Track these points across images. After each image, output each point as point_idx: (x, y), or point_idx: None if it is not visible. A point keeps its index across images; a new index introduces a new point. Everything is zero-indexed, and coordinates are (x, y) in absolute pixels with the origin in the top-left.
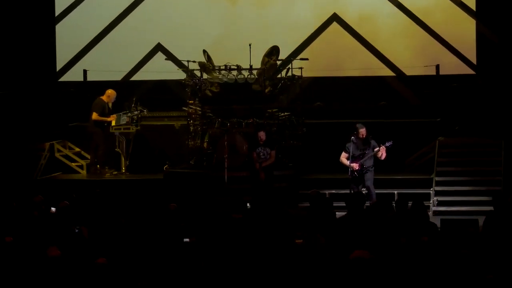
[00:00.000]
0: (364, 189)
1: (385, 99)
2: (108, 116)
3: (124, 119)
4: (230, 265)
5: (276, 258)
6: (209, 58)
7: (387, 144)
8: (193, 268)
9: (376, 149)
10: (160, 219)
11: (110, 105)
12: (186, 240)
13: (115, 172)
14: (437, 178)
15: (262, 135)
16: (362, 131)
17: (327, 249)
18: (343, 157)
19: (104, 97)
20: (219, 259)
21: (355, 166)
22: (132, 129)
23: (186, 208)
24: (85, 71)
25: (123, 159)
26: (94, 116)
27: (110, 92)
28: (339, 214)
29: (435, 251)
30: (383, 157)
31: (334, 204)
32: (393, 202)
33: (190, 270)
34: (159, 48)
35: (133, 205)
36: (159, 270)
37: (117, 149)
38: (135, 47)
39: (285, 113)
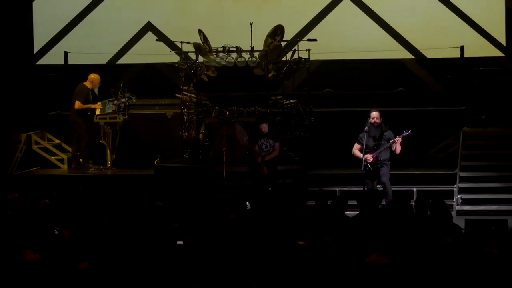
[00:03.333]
0: (379, 185)
1: (403, 85)
2: (93, 104)
3: (110, 107)
4: (227, 269)
5: (278, 263)
6: (205, 39)
7: (405, 133)
8: (187, 273)
9: (392, 140)
10: (150, 219)
11: (96, 91)
12: (180, 242)
13: (100, 167)
14: (461, 174)
15: (264, 127)
16: (374, 114)
17: (337, 253)
18: (356, 149)
19: (87, 83)
20: (215, 263)
21: (369, 157)
22: (119, 118)
23: (179, 206)
24: (66, 53)
25: (108, 152)
26: (77, 105)
27: (94, 77)
28: (351, 213)
29: (459, 255)
30: (397, 151)
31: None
32: (412, 201)
33: (183, 275)
34: (149, 27)
35: (120, 203)
36: (148, 275)
37: (102, 141)
38: (122, 26)
39: (291, 101)
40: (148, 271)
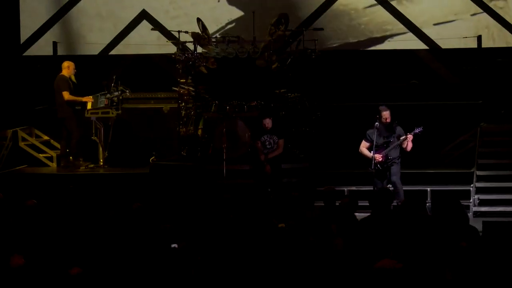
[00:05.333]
0: (390, 185)
1: (416, 77)
2: (75, 92)
3: (102, 101)
4: (227, 277)
5: (283, 267)
6: (204, 28)
7: (417, 130)
8: (182, 280)
9: (402, 137)
10: (145, 221)
11: (73, 78)
12: (174, 246)
13: (92, 165)
14: (478, 173)
15: (268, 122)
16: (386, 114)
17: (346, 257)
18: (363, 147)
19: (64, 72)
20: (214, 269)
21: (378, 157)
22: (112, 113)
23: (176, 207)
24: (55, 44)
25: (101, 149)
26: (67, 96)
27: (68, 63)
28: (360, 215)
29: (476, 260)
30: (408, 148)
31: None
32: (426, 201)
33: (178, 281)
34: (144, 15)
35: (113, 204)
36: (142, 281)
37: (93, 138)
38: (115, 14)
39: (296, 94)
40: (143, 276)
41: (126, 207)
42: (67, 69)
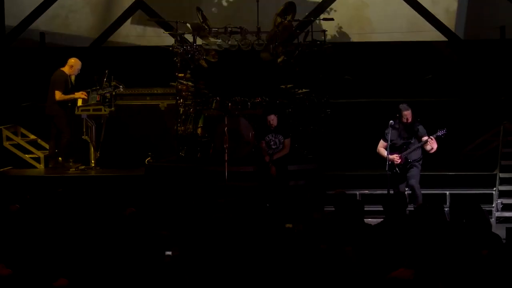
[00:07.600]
0: (407, 188)
1: (434, 71)
2: (72, 93)
3: (94, 97)
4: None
5: (290, 278)
6: (204, 18)
7: (439, 133)
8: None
9: (425, 138)
10: (140, 227)
11: (72, 78)
12: (168, 253)
13: (82, 167)
14: (501, 175)
15: (273, 119)
16: (407, 113)
17: (358, 266)
18: (381, 147)
19: (65, 69)
20: (212, 277)
21: (397, 159)
22: (104, 110)
23: (173, 212)
24: (42, 34)
25: (92, 149)
26: (58, 95)
27: (74, 62)
28: (374, 220)
29: (499, 270)
30: (433, 150)
31: (368, 208)
32: (445, 206)
33: None
34: (139, 4)
35: (105, 208)
36: None
37: (84, 137)
38: (109, 3)
39: (304, 90)
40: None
41: (119, 212)
42: (70, 67)
